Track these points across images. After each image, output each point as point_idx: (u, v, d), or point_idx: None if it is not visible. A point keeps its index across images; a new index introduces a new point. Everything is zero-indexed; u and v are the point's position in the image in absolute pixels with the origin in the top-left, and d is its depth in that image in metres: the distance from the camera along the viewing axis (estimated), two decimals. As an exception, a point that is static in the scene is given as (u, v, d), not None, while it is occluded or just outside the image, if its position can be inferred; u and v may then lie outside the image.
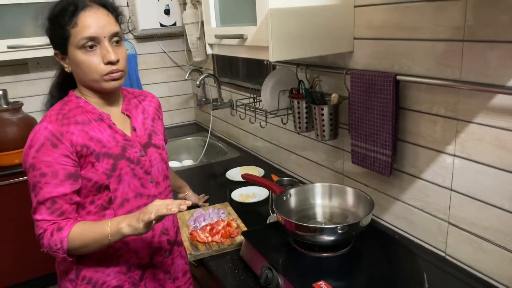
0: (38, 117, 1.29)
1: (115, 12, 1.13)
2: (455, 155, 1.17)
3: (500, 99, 1.03)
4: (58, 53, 1.11)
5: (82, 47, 1.05)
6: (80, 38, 1.04)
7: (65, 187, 1.06)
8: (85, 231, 1.07)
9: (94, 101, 1.15)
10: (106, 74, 1.08)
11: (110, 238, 1.05)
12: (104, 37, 1.06)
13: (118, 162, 1.13)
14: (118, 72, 1.09)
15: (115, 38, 1.09)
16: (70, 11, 1.04)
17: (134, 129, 1.21)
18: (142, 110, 1.26)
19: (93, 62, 1.06)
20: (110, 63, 1.07)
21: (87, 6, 1.06)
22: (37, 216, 1.07)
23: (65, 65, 1.12)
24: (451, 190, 1.20)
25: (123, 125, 1.19)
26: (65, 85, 1.20)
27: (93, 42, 1.05)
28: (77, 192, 1.09)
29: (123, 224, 1.05)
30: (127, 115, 1.21)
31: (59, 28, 1.06)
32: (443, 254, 1.28)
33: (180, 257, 1.34)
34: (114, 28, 1.09)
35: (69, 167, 1.06)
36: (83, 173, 1.09)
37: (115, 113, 1.19)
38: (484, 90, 1.04)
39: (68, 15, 1.04)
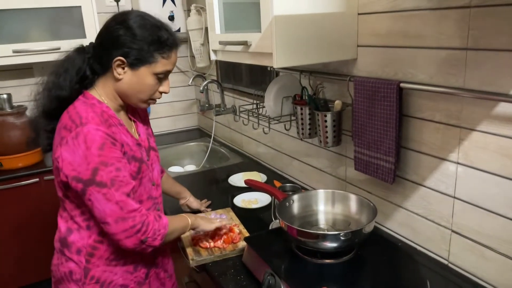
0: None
1: None
2: (458, 163, 1.17)
3: (503, 107, 1.03)
4: (122, 61, 1.10)
5: (158, 74, 1.13)
6: (164, 69, 1.13)
7: (130, 178, 1.12)
8: (171, 220, 1.19)
9: (113, 106, 1.18)
10: (152, 99, 1.19)
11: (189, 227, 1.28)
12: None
13: (141, 166, 1.18)
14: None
15: None
16: (170, 43, 1.12)
17: (139, 134, 1.25)
18: (138, 114, 1.31)
19: (154, 88, 1.16)
20: (162, 93, 1.19)
21: (179, 45, 1.18)
22: (131, 206, 1.08)
23: (120, 72, 1.12)
24: (454, 197, 1.20)
25: (130, 130, 1.23)
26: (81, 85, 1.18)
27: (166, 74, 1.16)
28: None
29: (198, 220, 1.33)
30: (132, 120, 1.25)
31: (152, 49, 1.10)
32: (445, 262, 1.27)
33: (170, 255, 1.42)
34: None
35: (125, 162, 1.12)
36: None
37: (124, 119, 1.22)
38: (488, 98, 1.05)
39: (168, 47, 1.12)
